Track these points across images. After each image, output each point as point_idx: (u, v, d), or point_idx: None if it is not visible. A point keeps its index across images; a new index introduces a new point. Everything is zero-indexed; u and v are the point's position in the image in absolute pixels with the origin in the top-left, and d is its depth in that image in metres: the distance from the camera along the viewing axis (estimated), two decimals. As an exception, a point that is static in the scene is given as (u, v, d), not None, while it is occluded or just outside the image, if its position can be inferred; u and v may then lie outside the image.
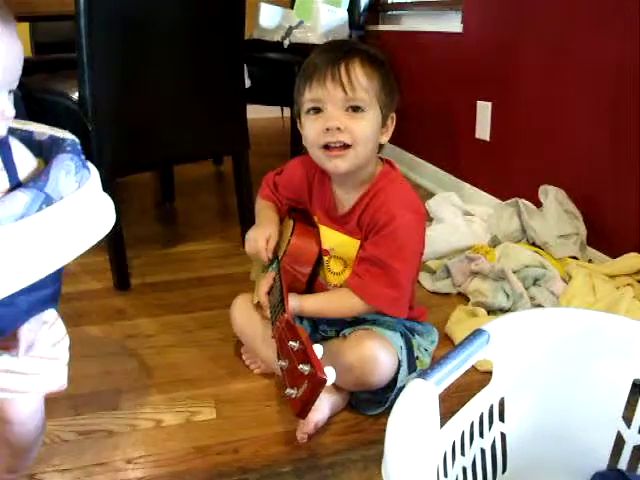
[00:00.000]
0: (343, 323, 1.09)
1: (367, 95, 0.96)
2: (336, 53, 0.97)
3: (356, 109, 0.96)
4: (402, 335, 1.06)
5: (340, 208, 1.08)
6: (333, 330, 1.12)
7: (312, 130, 0.98)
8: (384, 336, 1.03)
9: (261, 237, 1.09)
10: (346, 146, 0.96)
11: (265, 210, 1.18)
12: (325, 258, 1.11)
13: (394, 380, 1.02)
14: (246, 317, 1.17)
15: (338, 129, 0.95)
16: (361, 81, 0.95)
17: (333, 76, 0.94)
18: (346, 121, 0.95)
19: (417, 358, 1.08)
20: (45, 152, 0.69)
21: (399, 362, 1.02)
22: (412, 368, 1.06)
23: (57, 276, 0.69)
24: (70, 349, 0.83)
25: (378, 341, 1.01)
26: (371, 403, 1.07)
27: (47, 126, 0.73)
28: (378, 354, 0.99)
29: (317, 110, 0.97)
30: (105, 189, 1.49)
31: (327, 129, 0.95)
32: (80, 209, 0.64)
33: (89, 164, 0.70)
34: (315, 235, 1.11)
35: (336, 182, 1.08)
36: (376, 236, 1.00)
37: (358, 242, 1.04)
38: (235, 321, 1.20)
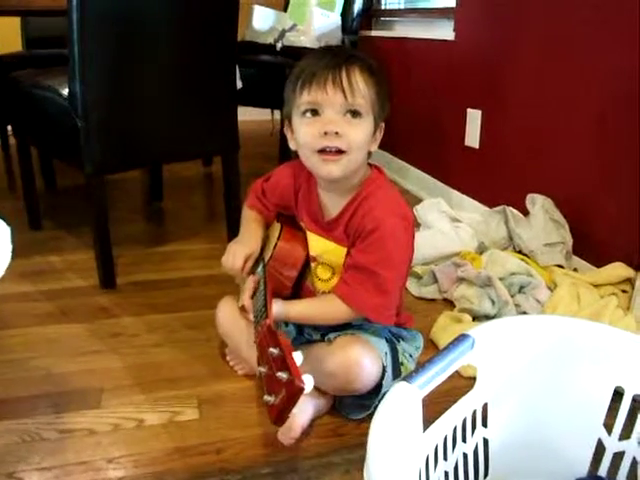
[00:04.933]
0: (328, 327, 1.09)
1: (365, 102, 0.95)
2: (337, 58, 0.96)
3: (355, 114, 0.95)
4: (387, 341, 1.06)
5: (327, 215, 1.07)
6: (318, 334, 1.11)
7: (307, 134, 0.96)
8: (368, 342, 1.02)
9: (240, 256, 1.07)
10: (340, 152, 0.95)
11: (249, 223, 1.16)
12: (312, 265, 1.10)
13: (379, 386, 1.02)
14: (231, 320, 1.16)
15: (336, 134, 0.94)
16: (361, 87, 0.94)
17: (334, 80, 0.93)
18: (344, 126, 0.94)
19: (402, 364, 1.08)
20: None
21: (383, 368, 1.02)
22: (397, 374, 1.05)
23: None
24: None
25: (362, 347, 1.00)
26: (355, 407, 1.06)
27: None
28: (362, 360, 0.99)
29: (314, 112, 0.95)
30: (93, 186, 1.48)
31: (325, 133, 0.94)
32: None
33: None
34: (302, 239, 1.10)
35: (323, 188, 1.06)
36: (363, 243, 0.99)
37: (345, 249, 1.03)
38: (220, 324, 1.19)
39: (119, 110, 1.52)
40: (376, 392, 1.02)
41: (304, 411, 1.01)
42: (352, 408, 1.07)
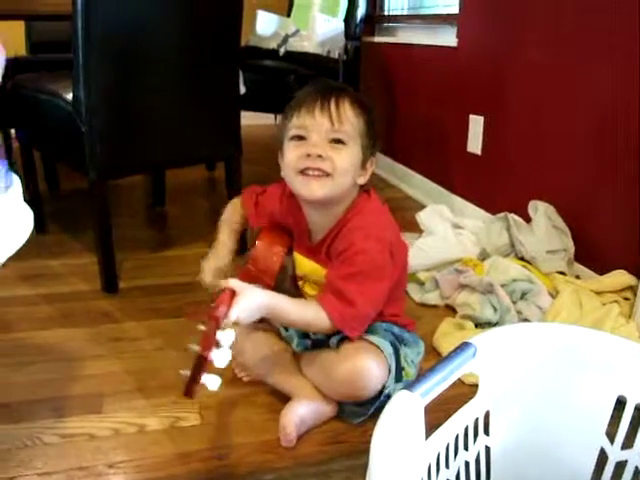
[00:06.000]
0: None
1: (352, 129, 0.99)
2: (329, 88, 1.01)
3: (338, 141, 0.98)
4: (391, 344, 1.07)
5: (314, 239, 1.10)
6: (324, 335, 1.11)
7: (293, 155, 1.00)
8: (375, 347, 1.03)
9: (208, 272, 1.15)
10: (326, 175, 0.98)
11: (223, 230, 1.21)
12: (300, 283, 1.14)
13: (381, 387, 1.03)
14: (255, 348, 1.14)
15: (319, 157, 0.97)
16: (349, 116, 0.99)
17: (322, 106, 0.98)
18: (327, 150, 0.97)
19: (403, 369, 1.08)
20: None
21: (389, 369, 1.03)
22: (398, 377, 1.06)
23: None
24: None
25: (370, 355, 1.01)
26: (356, 412, 1.07)
27: None
28: (371, 368, 1.00)
29: (301, 137, 0.99)
30: (96, 191, 1.48)
31: (308, 155, 0.97)
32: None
33: (12, 174, 0.72)
34: (283, 238, 1.13)
35: (309, 215, 1.09)
36: (336, 261, 1.03)
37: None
38: (245, 352, 1.14)
39: (123, 115, 1.53)
40: (377, 395, 1.03)
41: (295, 412, 1.02)
42: (353, 413, 1.07)
